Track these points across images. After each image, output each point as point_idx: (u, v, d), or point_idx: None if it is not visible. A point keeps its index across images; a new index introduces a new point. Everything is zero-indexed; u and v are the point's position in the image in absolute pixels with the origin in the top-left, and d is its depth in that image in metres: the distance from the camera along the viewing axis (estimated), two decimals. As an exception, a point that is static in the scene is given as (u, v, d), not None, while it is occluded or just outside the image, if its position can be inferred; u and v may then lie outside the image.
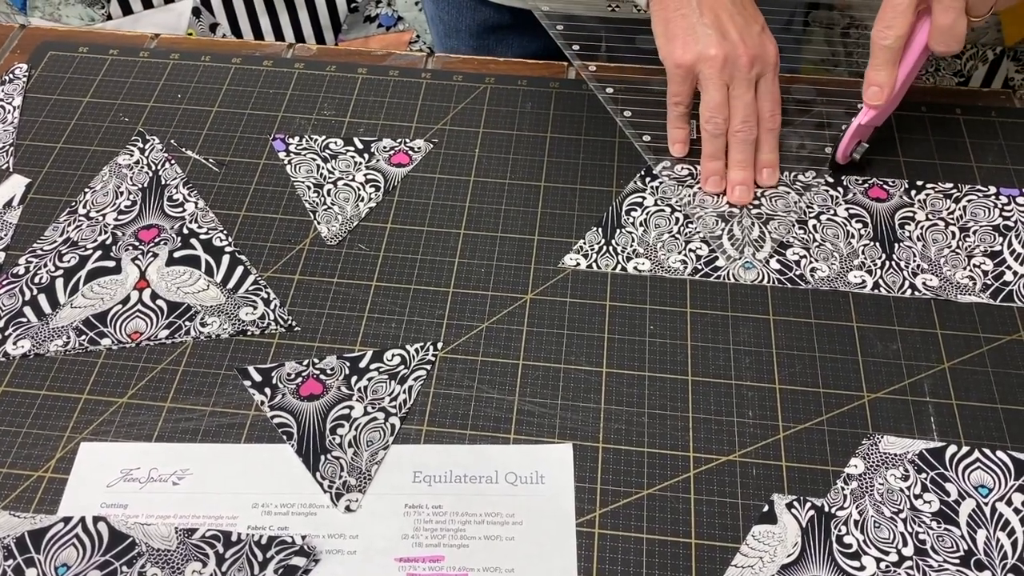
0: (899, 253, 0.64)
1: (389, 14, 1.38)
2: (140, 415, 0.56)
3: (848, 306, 0.61)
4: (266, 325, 0.60)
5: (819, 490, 0.53)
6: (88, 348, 0.59)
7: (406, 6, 1.37)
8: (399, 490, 0.53)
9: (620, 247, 0.64)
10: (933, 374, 0.58)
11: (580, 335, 0.60)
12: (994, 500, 0.53)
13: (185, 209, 0.66)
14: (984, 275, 0.63)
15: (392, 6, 1.36)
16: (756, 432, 0.56)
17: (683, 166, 0.69)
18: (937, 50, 0.60)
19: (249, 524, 0.52)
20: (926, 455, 0.54)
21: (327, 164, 0.69)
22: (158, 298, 0.61)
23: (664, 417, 0.56)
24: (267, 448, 0.55)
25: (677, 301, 0.62)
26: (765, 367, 0.59)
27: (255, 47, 0.79)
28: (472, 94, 0.75)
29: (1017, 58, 1.21)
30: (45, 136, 0.71)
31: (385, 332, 0.60)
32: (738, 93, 0.64)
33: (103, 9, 1.31)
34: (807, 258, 0.64)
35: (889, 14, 0.60)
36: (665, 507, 0.53)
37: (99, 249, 0.64)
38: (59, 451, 0.55)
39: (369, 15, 1.40)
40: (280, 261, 0.64)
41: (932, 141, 0.71)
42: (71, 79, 0.75)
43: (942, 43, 0.59)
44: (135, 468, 0.54)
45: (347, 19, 1.40)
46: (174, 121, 0.72)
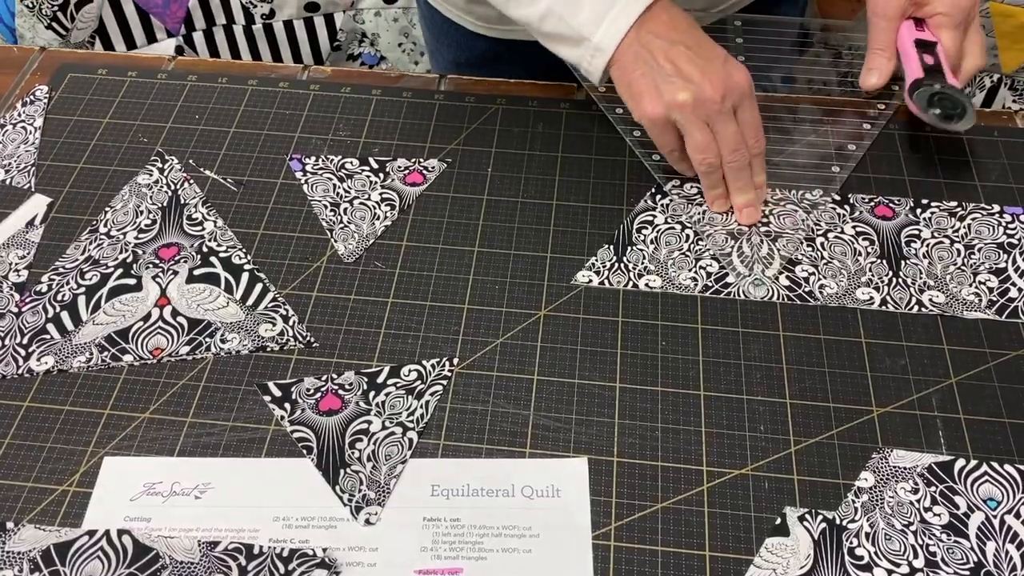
0: (906, 270, 0.65)
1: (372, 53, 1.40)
2: (162, 430, 0.57)
3: (856, 322, 0.62)
4: (285, 341, 0.61)
5: (830, 503, 0.54)
6: (110, 364, 0.60)
7: (389, 46, 1.38)
8: (417, 503, 0.54)
9: (631, 264, 0.66)
10: (941, 389, 0.59)
11: (593, 351, 0.61)
12: (1003, 512, 0.53)
13: (204, 228, 0.68)
14: (989, 292, 0.64)
15: (375, 45, 1.38)
16: (768, 446, 0.57)
17: (692, 185, 0.70)
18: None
19: (270, 537, 0.53)
20: (935, 468, 0.55)
21: (343, 183, 0.71)
22: (179, 315, 0.62)
23: (677, 431, 0.57)
24: (287, 462, 0.56)
25: (688, 317, 0.63)
26: (776, 382, 0.60)
27: (271, 69, 0.81)
28: (484, 115, 0.76)
29: (1014, 87, 1.22)
30: (66, 156, 0.73)
31: (402, 348, 0.61)
32: (719, 128, 0.65)
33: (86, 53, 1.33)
34: (816, 275, 0.65)
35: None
36: (679, 520, 0.54)
37: (120, 267, 0.65)
38: (83, 465, 0.56)
39: (352, 53, 1.42)
40: (298, 278, 0.65)
41: (937, 161, 0.72)
42: (91, 100, 0.77)
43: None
44: (158, 482, 0.55)
45: (329, 57, 1.42)
46: (192, 141, 0.74)
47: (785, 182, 0.70)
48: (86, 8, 1.31)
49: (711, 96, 0.63)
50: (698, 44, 0.65)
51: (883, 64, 0.74)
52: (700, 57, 0.64)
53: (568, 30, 0.67)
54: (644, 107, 0.65)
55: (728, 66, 0.64)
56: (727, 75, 0.64)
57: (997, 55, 1.20)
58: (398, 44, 1.38)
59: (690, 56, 0.64)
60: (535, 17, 0.68)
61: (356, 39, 1.39)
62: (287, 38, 1.38)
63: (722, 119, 0.64)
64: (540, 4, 0.67)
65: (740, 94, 0.64)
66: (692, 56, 0.64)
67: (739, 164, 0.65)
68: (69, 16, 1.29)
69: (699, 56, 0.64)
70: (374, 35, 1.38)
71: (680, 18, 0.67)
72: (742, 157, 0.65)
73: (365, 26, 1.38)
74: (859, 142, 0.72)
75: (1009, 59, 1.20)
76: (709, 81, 0.63)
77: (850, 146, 0.72)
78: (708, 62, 0.64)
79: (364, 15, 1.36)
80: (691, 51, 0.64)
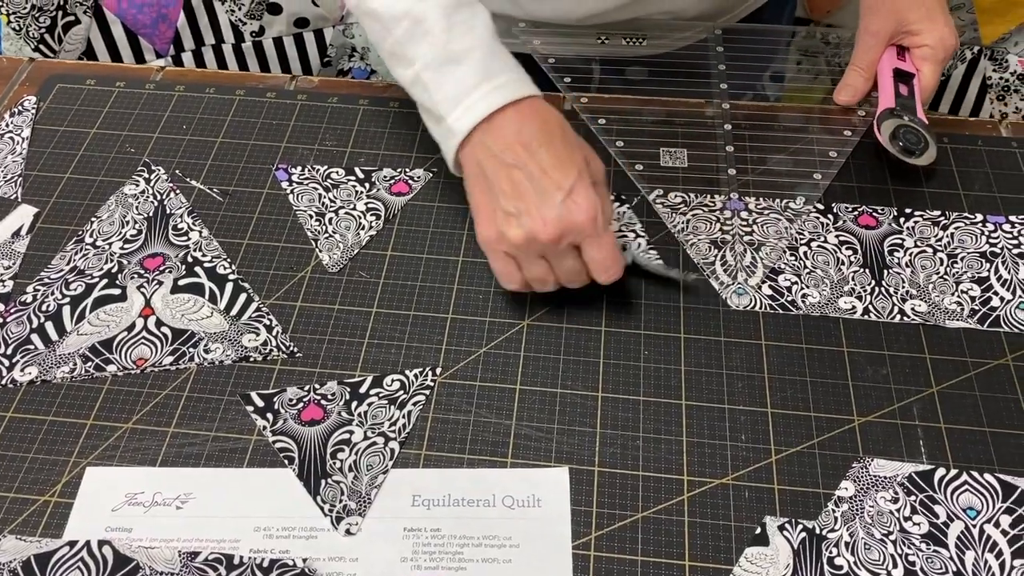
0: (888, 279, 0.65)
1: (362, 67, 1.40)
2: (145, 440, 0.57)
3: (839, 331, 0.63)
4: (268, 351, 0.61)
5: (811, 512, 0.54)
6: (94, 374, 0.60)
7: (379, 60, 1.39)
8: (398, 514, 0.54)
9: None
10: (922, 398, 0.59)
11: (576, 360, 0.61)
12: (982, 522, 0.54)
13: (189, 238, 0.68)
14: (972, 301, 0.64)
15: (365, 60, 1.39)
16: (749, 455, 0.57)
17: (676, 194, 0.70)
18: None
19: (251, 547, 0.53)
20: (915, 478, 0.56)
21: (329, 193, 0.71)
22: (163, 325, 0.63)
23: (659, 441, 0.57)
24: (269, 472, 0.56)
25: (671, 327, 0.63)
26: (757, 391, 0.60)
27: (259, 79, 0.81)
28: (470, 124, 0.77)
29: (994, 57, 1.24)
30: (53, 167, 0.73)
31: (385, 358, 0.61)
32: (556, 263, 0.60)
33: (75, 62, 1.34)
34: (798, 284, 0.65)
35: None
36: (660, 530, 0.54)
37: (105, 277, 0.65)
38: (65, 476, 0.56)
39: (342, 68, 1.43)
40: (282, 288, 0.65)
41: (921, 170, 0.73)
42: (79, 111, 0.77)
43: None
44: (139, 492, 0.55)
45: (320, 72, 1.42)
46: (179, 152, 0.74)
47: (768, 191, 0.70)
48: (74, 30, 1.31)
49: (544, 238, 0.57)
50: (542, 171, 0.58)
51: (859, 82, 0.75)
52: (537, 191, 0.57)
53: (430, 103, 0.62)
54: (479, 229, 0.61)
55: (569, 202, 0.57)
56: (565, 214, 0.57)
57: (977, 29, 1.22)
58: None
59: (528, 188, 0.58)
60: (407, 81, 0.64)
61: (346, 54, 1.39)
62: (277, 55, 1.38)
63: (559, 256, 0.59)
64: (414, 66, 0.63)
65: (579, 233, 0.58)
66: (530, 188, 0.58)
67: (576, 288, 0.62)
68: (56, 38, 1.30)
69: (537, 189, 0.58)
70: (364, 49, 1.38)
71: (534, 129, 0.59)
72: (580, 285, 0.61)
73: (355, 40, 1.38)
74: (841, 149, 0.73)
75: (989, 32, 1.22)
76: (543, 221, 0.57)
77: (832, 153, 0.72)
78: (545, 197, 0.57)
79: (354, 29, 1.36)
80: (531, 181, 0.58)
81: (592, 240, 0.58)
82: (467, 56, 0.61)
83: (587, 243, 0.59)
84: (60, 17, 1.29)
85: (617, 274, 0.60)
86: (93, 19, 1.31)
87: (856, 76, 0.76)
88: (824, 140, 0.74)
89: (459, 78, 0.61)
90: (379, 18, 0.64)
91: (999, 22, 1.21)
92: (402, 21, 0.62)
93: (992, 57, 1.23)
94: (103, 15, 1.31)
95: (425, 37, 0.61)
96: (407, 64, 0.63)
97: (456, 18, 0.61)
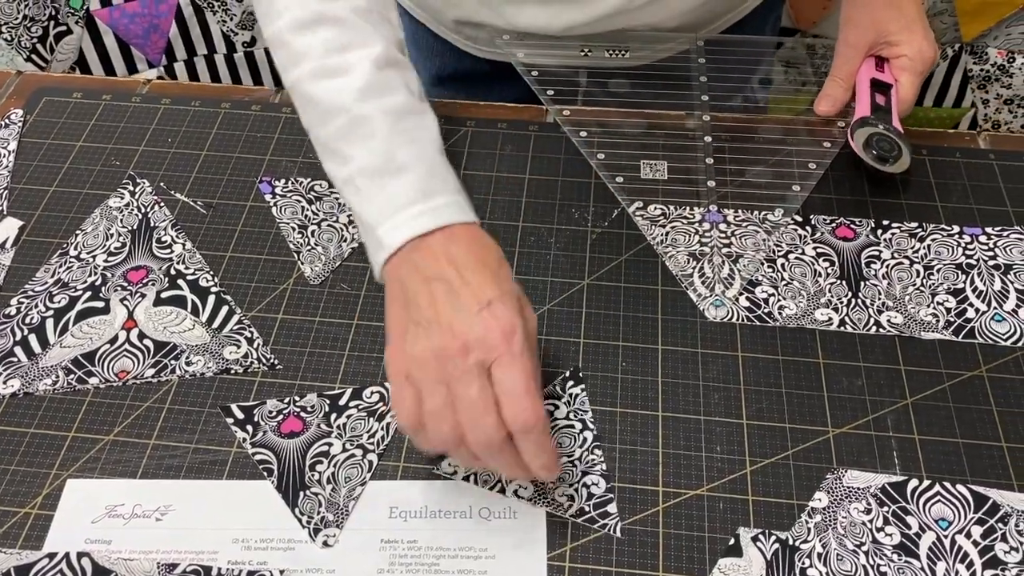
0: (865, 291, 0.66)
1: None
2: (126, 452, 0.58)
3: (815, 343, 0.63)
4: (249, 364, 0.62)
5: (784, 523, 0.55)
6: (76, 387, 0.61)
7: None
8: (375, 525, 0.55)
9: (594, 286, 0.66)
10: (896, 409, 0.60)
11: (554, 372, 0.62)
12: (954, 533, 0.54)
13: (173, 250, 0.68)
14: (947, 312, 0.65)
15: None
16: (724, 467, 0.57)
17: (656, 206, 0.71)
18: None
19: (229, 559, 0.53)
20: (888, 489, 0.56)
21: (312, 206, 0.72)
22: (145, 338, 0.63)
23: (635, 452, 0.58)
24: (248, 484, 0.56)
25: (649, 338, 0.64)
26: (733, 403, 0.60)
27: (244, 92, 0.82)
28: (453, 137, 0.77)
29: (974, 51, 1.29)
30: (39, 180, 0.74)
31: (365, 369, 0.62)
32: (458, 391, 0.49)
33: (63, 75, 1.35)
34: (775, 296, 0.66)
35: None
36: (634, 541, 0.54)
37: (89, 290, 0.66)
38: (46, 488, 0.56)
39: None
40: (264, 301, 0.66)
41: (898, 181, 0.73)
42: (65, 124, 0.78)
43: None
44: (119, 504, 0.56)
45: None
46: (164, 164, 0.75)
47: (746, 203, 0.71)
48: (65, 40, 1.32)
49: (448, 348, 0.49)
50: (463, 282, 0.52)
51: (838, 93, 0.76)
52: (452, 302, 0.51)
53: (360, 209, 0.57)
54: (386, 350, 0.54)
55: (485, 313, 0.50)
56: (477, 324, 0.50)
57: (958, 29, 1.28)
58: None
59: (444, 299, 0.51)
60: (338, 180, 0.59)
61: None
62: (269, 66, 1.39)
63: (464, 381, 0.49)
64: (348, 166, 0.57)
65: (489, 350, 0.49)
66: (446, 299, 0.51)
67: (482, 442, 0.49)
68: (48, 48, 1.31)
69: (453, 300, 0.51)
70: None
71: (464, 250, 0.53)
72: (484, 434, 0.49)
73: None
74: (820, 161, 0.73)
75: (969, 30, 1.28)
76: (451, 331, 0.50)
77: (811, 165, 0.73)
78: (459, 308, 0.51)
79: None
80: (449, 292, 0.51)
81: (505, 361, 0.49)
82: (407, 170, 0.56)
83: (498, 364, 0.49)
84: (52, 27, 1.30)
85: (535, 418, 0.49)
86: (85, 29, 1.32)
87: (835, 87, 0.77)
88: (803, 152, 0.74)
89: (395, 192, 0.56)
90: (317, 105, 0.59)
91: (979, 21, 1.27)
92: (340, 116, 0.58)
93: (972, 51, 1.29)
94: (95, 25, 1.32)
95: (365, 140, 0.57)
96: (341, 162, 0.58)
97: (401, 126, 0.57)
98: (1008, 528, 0.54)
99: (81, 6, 1.28)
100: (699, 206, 0.71)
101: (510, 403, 0.49)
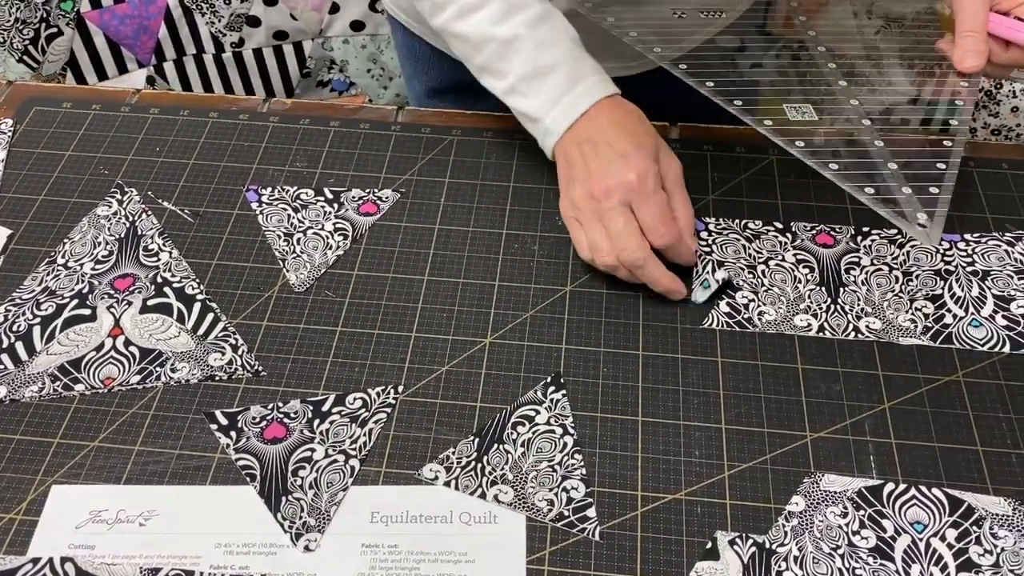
0: (844, 297, 0.67)
1: (341, 79, 1.43)
2: (110, 458, 0.58)
3: (793, 348, 0.64)
4: (233, 370, 0.63)
5: (761, 527, 0.55)
6: (62, 393, 0.61)
7: (358, 72, 1.41)
8: (357, 530, 0.55)
9: (576, 293, 0.67)
10: (874, 414, 0.61)
11: (536, 378, 0.63)
12: (928, 536, 0.55)
13: (160, 258, 0.69)
14: (925, 318, 0.65)
15: (344, 71, 1.41)
16: (702, 471, 0.58)
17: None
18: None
19: (212, 563, 0.54)
20: (864, 492, 0.57)
21: (298, 214, 0.72)
22: (131, 345, 0.64)
23: (615, 457, 0.59)
24: (232, 490, 0.57)
25: (629, 344, 0.64)
26: (712, 408, 0.61)
27: (232, 101, 0.82)
28: (439, 145, 0.78)
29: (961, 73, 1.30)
30: (27, 189, 0.74)
31: (348, 376, 0.63)
32: (608, 225, 0.65)
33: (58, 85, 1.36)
34: (755, 302, 0.66)
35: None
36: (613, 545, 0.55)
37: (76, 298, 0.66)
38: (31, 493, 0.57)
39: (321, 80, 1.45)
40: (249, 308, 0.66)
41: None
42: (55, 133, 0.79)
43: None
44: (103, 510, 0.56)
45: (299, 84, 1.45)
46: (152, 173, 0.76)
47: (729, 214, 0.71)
48: (57, 41, 1.33)
49: (596, 193, 0.65)
50: (607, 143, 0.66)
51: (980, 46, 0.69)
52: (600, 157, 0.66)
53: (526, 108, 0.71)
54: (560, 203, 0.70)
55: (621, 161, 0.65)
56: (615, 171, 0.65)
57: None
58: (367, 70, 1.41)
59: (593, 156, 0.67)
60: (500, 91, 0.72)
61: (325, 66, 1.42)
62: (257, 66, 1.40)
63: (609, 216, 0.65)
64: (507, 79, 0.70)
65: (627, 191, 0.65)
66: (595, 156, 0.67)
67: (630, 262, 0.65)
68: (40, 49, 1.32)
69: (600, 156, 0.66)
70: (343, 62, 1.41)
71: (612, 117, 0.68)
72: (631, 255, 0.64)
73: (334, 53, 1.40)
74: (954, 138, 0.66)
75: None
76: (597, 178, 0.66)
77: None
78: (603, 161, 0.66)
79: (332, 42, 1.39)
80: (596, 151, 0.67)
81: (641, 200, 0.64)
82: (556, 68, 0.69)
83: (636, 203, 0.65)
84: (43, 29, 1.31)
85: (671, 239, 0.65)
86: (76, 31, 1.33)
87: (974, 41, 0.69)
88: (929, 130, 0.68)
89: (551, 87, 0.69)
90: (467, 39, 0.71)
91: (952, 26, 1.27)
92: (491, 43, 0.70)
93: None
94: (85, 27, 1.34)
95: (516, 55, 0.69)
96: (500, 77, 0.71)
97: (541, 34, 0.69)
98: (982, 531, 0.55)
99: (72, 8, 1.30)
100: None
101: (648, 231, 0.64)
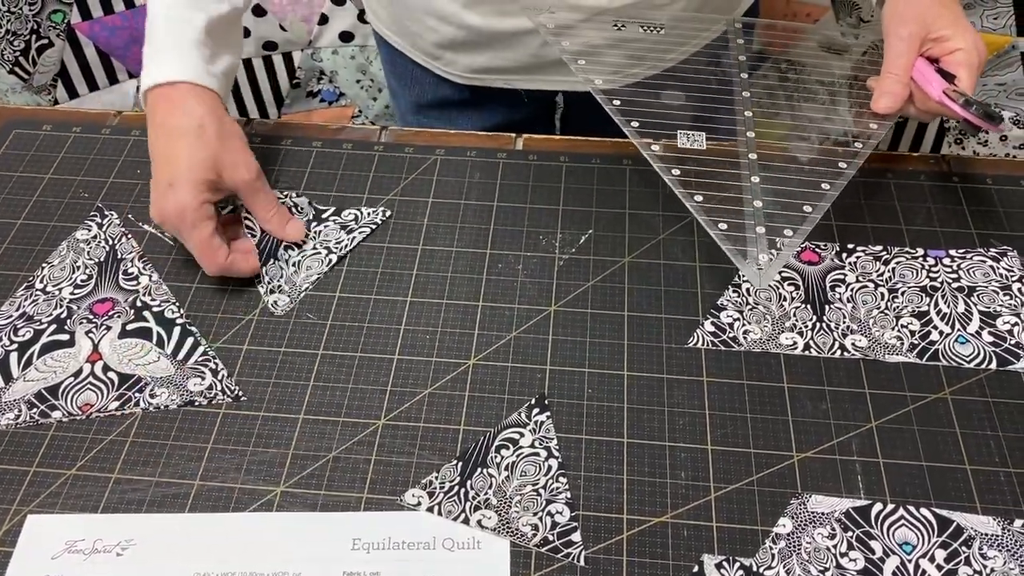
0: (830, 315, 0.66)
1: (331, 90, 1.43)
2: (87, 487, 0.57)
3: (779, 367, 0.63)
4: (213, 395, 0.62)
5: (748, 550, 0.55)
6: (39, 421, 0.60)
7: (348, 83, 1.41)
8: (338, 558, 0.54)
9: (561, 313, 0.66)
10: (861, 433, 0.60)
11: (521, 399, 0.62)
12: (917, 557, 0.54)
13: (139, 282, 0.68)
14: (911, 335, 0.65)
15: (334, 82, 1.41)
16: (688, 493, 0.57)
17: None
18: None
19: (189, 594, 0.53)
20: (852, 513, 0.56)
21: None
22: (109, 370, 0.63)
23: (600, 480, 0.58)
24: (210, 517, 0.56)
25: (614, 364, 0.64)
26: (698, 428, 0.60)
27: (214, 122, 0.82)
28: (423, 165, 0.78)
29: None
30: (6, 212, 0.73)
31: (330, 400, 0.62)
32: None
33: (49, 95, 1.36)
34: (740, 321, 0.66)
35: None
36: (598, 570, 0.54)
37: (54, 323, 0.65)
38: (5, 524, 0.56)
39: (311, 90, 1.45)
40: (230, 331, 0.66)
41: (864, 205, 0.74)
42: (34, 156, 0.78)
43: None
44: (80, 540, 0.55)
45: (289, 94, 1.45)
46: (132, 196, 0.75)
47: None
48: (47, 52, 1.33)
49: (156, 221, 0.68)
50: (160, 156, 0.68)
51: (897, 88, 0.70)
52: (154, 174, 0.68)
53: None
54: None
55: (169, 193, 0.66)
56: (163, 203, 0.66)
57: None
58: (356, 81, 1.41)
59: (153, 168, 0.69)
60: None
61: (315, 77, 1.42)
62: (247, 77, 1.40)
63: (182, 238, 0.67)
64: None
65: (172, 226, 0.66)
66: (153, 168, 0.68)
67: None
68: (31, 60, 1.32)
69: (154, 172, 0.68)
70: (332, 72, 1.41)
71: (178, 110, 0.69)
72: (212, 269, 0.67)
73: (323, 64, 1.40)
74: (834, 181, 0.67)
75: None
76: (153, 205, 0.67)
77: (824, 185, 0.67)
78: (155, 184, 0.67)
79: (322, 53, 1.39)
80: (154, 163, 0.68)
81: (186, 232, 0.66)
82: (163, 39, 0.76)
83: (182, 235, 0.67)
84: (34, 41, 1.31)
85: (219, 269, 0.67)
86: (66, 42, 1.33)
87: (894, 82, 0.70)
88: (817, 171, 0.69)
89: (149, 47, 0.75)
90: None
91: None
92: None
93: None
94: (76, 38, 1.34)
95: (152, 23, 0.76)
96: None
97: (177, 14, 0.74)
98: (971, 551, 0.54)
99: (62, 20, 1.30)
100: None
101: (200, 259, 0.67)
